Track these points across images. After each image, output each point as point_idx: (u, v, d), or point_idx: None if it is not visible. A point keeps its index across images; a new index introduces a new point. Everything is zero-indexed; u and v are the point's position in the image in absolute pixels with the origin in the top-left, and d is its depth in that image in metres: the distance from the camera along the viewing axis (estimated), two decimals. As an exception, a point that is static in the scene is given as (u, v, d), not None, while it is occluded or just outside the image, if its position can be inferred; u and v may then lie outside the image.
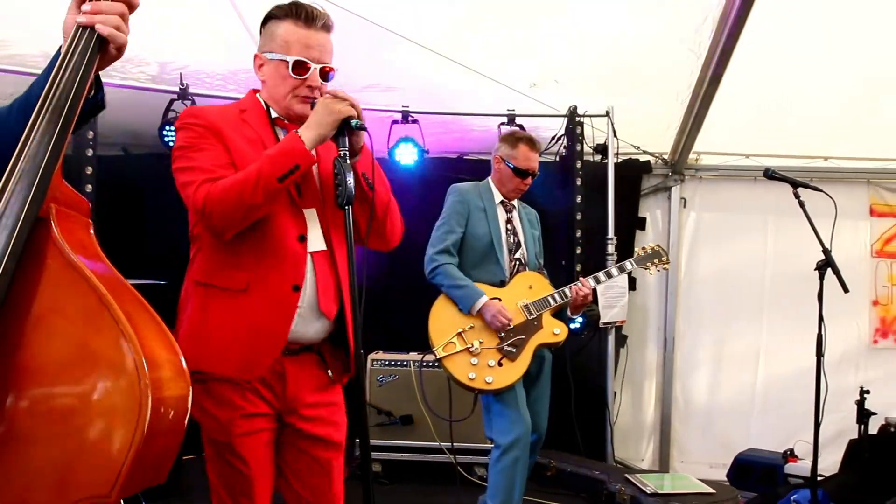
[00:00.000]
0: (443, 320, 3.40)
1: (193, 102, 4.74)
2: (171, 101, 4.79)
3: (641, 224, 5.75)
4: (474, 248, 3.53)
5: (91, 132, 4.82)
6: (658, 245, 3.87)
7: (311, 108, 2.03)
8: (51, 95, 1.33)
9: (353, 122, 1.98)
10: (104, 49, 1.41)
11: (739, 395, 5.63)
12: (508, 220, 3.64)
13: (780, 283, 5.52)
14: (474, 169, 4.57)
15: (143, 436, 1.22)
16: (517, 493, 3.32)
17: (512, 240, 3.61)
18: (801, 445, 4.64)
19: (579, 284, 3.53)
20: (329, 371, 2.14)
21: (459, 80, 4.78)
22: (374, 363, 4.90)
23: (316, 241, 2.09)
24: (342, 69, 4.96)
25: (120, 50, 1.44)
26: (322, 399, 2.14)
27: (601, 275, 3.65)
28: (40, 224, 1.29)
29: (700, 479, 4.41)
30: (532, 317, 3.45)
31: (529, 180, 3.64)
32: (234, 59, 4.54)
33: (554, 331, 3.50)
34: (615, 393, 5.51)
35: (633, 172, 5.69)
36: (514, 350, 3.36)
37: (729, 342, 5.66)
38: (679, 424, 5.68)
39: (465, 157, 5.77)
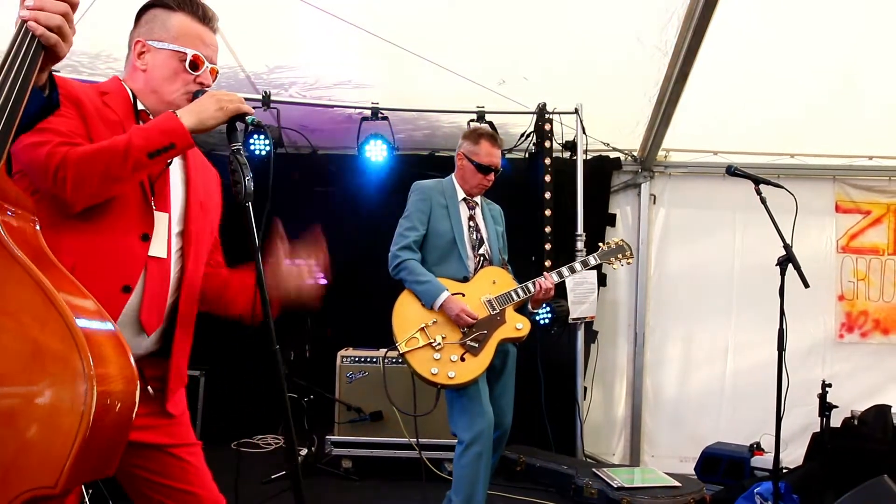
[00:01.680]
0: (406, 316, 3.39)
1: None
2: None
3: (612, 220, 5.80)
4: (437, 244, 3.53)
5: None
6: (622, 240, 3.88)
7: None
8: None
9: (249, 118, 1.89)
10: (44, 50, 1.39)
11: (708, 389, 5.69)
12: (471, 217, 3.64)
13: (748, 278, 5.58)
14: (445, 165, 4.56)
15: (87, 428, 1.23)
16: (481, 488, 3.33)
17: (475, 236, 3.61)
18: (768, 439, 4.66)
19: (542, 279, 3.54)
20: (150, 388, 1.94)
21: (429, 77, 4.79)
22: (344, 360, 4.90)
23: (159, 247, 1.92)
24: (316, 68, 4.97)
25: (63, 50, 1.41)
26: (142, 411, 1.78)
27: (564, 269, 3.65)
28: (-17, 224, 1.29)
29: (670, 473, 4.47)
30: (495, 312, 3.46)
31: (492, 176, 3.65)
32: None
33: (517, 326, 3.50)
34: (586, 388, 5.54)
35: (602, 169, 5.73)
36: (476, 345, 3.36)
37: (698, 337, 5.73)
38: (649, 419, 5.73)
39: (435, 154, 5.78)
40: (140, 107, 1.96)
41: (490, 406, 3.39)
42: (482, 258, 3.60)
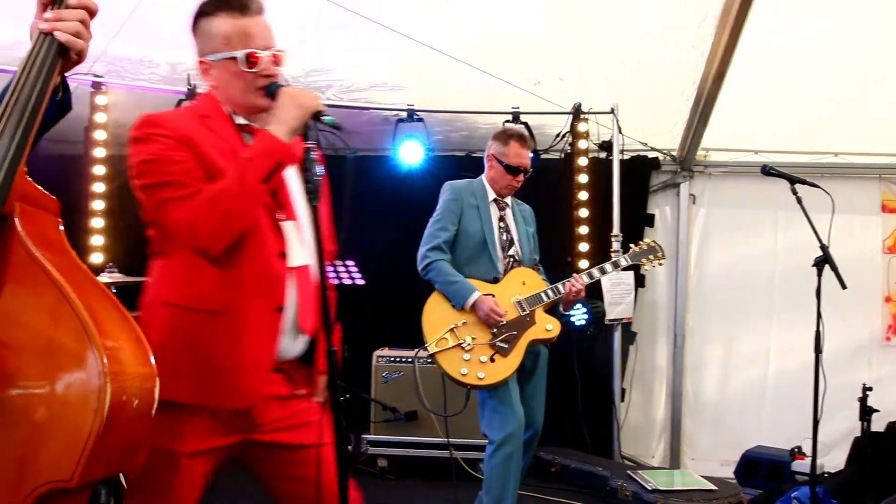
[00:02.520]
0: (436, 316, 3.42)
1: (203, 103, 4.82)
2: (180, 101, 4.87)
3: (650, 221, 5.74)
4: (467, 245, 3.55)
5: (103, 133, 4.95)
6: (654, 241, 3.86)
7: (271, 97, 1.88)
8: (13, 99, 1.38)
9: (326, 118, 1.85)
10: (65, 54, 1.44)
11: (750, 392, 5.60)
12: (501, 218, 3.65)
13: (790, 279, 5.46)
14: (482, 166, 4.58)
15: (102, 424, 1.26)
16: (511, 488, 3.34)
17: (505, 237, 3.61)
18: (810, 442, 4.61)
19: (572, 280, 3.53)
20: (296, 390, 2.00)
21: (464, 78, 4.82)
22: (379, 360, 4.95)
23: (296, 256, 1.95)
24: (352, 70, 5.03)
25: (80, 55, 1.46)
26: (287, 413, 1.98)
27: (595, 271, 3.64)
28: (4, 221, 1.34)
29: (710, 476, 4.42)
30: (525, 313, 3.47)
31: (522, 177, 3.66)
32: None
33: (546, 327, 3.50)
34: (624, 390, 5.51)
35: (640, 169, 5.68)
36: (506, 346, 3.37)
37: (739, 339, 5.64)
38: (689, 421, 5.65)
39: (472, 155, 5.79)
40: (238, 121, 1.97)
41: (521, 407, 3.40)
42: (512, 259, 3.61)
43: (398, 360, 4.92)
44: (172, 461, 1.84)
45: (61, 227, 1.49)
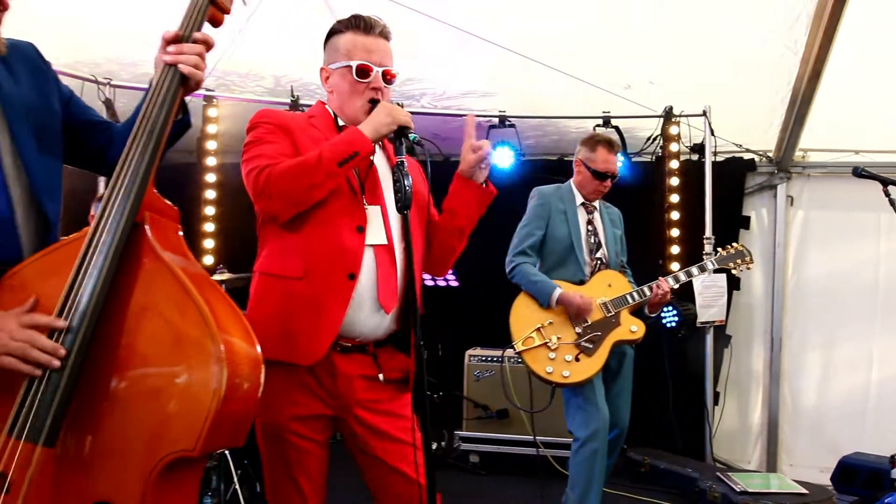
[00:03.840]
0: (523, 316, 3.54)
1: (304, 113, 5.10)
2: (284, 113, 5.17)
3: (745, 223, 5.69)
4: (555, 249, 3.66)
5: (214, 143, 5.30)
6: (742, 245, 3.86)
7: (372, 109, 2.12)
8: (142, 124, 1.61)
9: (412, 135, 2.07)
10: (185, 83, 1.68)
11: (851, 399, 5.46)
12: (589, 221, 3.75)
13: (894, 283, 5.32)
14: (572, 170, 4.66)
15: (220, 403, 1.48)
16: (596, 484, 3.42)
17: (593, 240, 3.71)
18: (914, 451, 4.50)
19: (657, 283, 3.59)
20: (381, 375, 2.16)
21: (555, 84, 4.91)
22: (472, 359, 5.12)
23: (376, 235, 2.13)
24: (446, 79, 5.22)
25: (198, 84, 1.71)
26: (376, 396, 2.15)
27: (681, 274, 3.69)
28: (137, 228, 1.57)
29: (808, 483, 4.35)
30: (610, 314, 3.55)
31: (609, 182, 3.73)
32: None
33: (631, 328, 3.57)
34: (718, 393, 5.48)
35: (735, 171, 5.65)
36: (591, 346, 3.47)
37: (840, 344, 5.51)
38: (787, 427, 5.58)
39: (564, 158, 5.88)
40: (341, 123, 2.23)
41: (605, 405, 3.48)
42: (599, 262, 3.70)
43: (489, 359, 5.06)
44: (283, 432, 2.09)
45: (180, 233, 1.72)
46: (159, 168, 1.64)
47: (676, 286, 3.67)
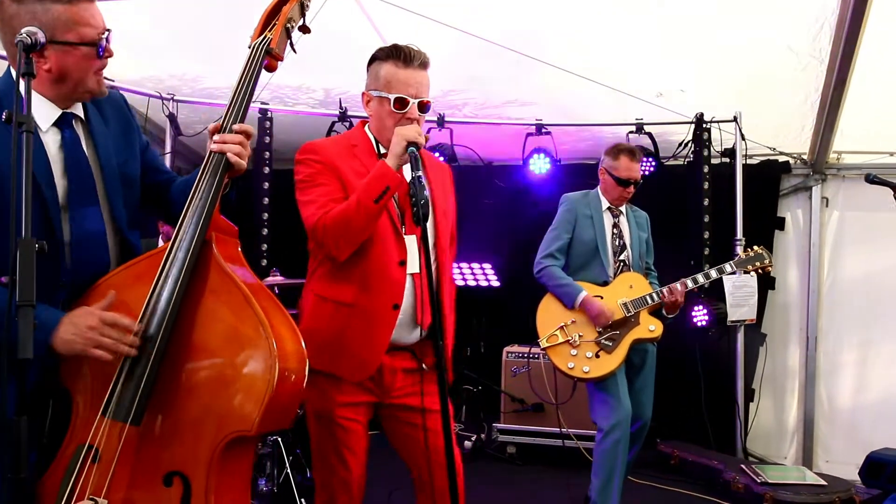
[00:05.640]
0: (548, 315, 3.81)
1: (351, 124, 5.41)
2: (333, 123, 5.49)
3: (781, 224, 5.82)
4: (581, 251, 3.88)
5: (267, 153, 5.65)
6: (762, 248, 3.99)
7: None
8: (194, 200, 1.91)
9: (410, 148, 2.20)
10: (230, 167, 1.96)
11: (888, 397, 5.52)
12: (615, 225, 3.95)
13: (932, 284, 5.40)
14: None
15: (273, 391, 1.78)
16: (618, 472, 3.64)
17: (618, 243, 3.92)
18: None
19: (675, 285, 3.78)
20: (423, 364, 2.47)
21: (589, 93, 5.13)
22: (509, 355, 5.38)
23: (413, 264, 2.38)
24: (486, 89, 5.47)
25: (241, 168, 1.98)
26: (410, 381, 2.46)
27: (699, 276, 3.86)
28: (206, 245, 1.90)
29: (832, 476, 4.52)
30: (630, 314, 3.77)
31: (631, 188, 3.93)
32: None
33: (650, 328, 3.78)
34: (753, 390, 5.63)
35: (770, 173, 5.78)
36: (610, 344, 3.70)
37: (876, 344, 5.58)
38: (824, 424, 5.68)
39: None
40: (382, 150, 2.42)
41: (627, 398, 3.70)
42: (622, 264, 3.91)
43: (526, 355, 5.32)
44: (332, 415, 2.39)
45: (238, 248, 2.04)
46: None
47: (694, 288, 3.84)
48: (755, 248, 3.99)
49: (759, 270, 3.95)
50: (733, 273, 3.94)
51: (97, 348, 1.75)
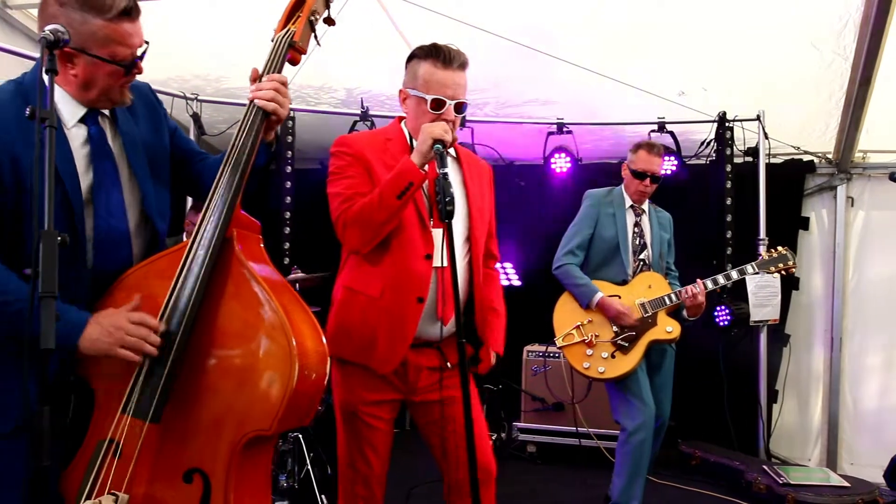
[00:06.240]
0: (564, 314, 3.81)
1: (373, 123, 5.44)
2: (355, 122, 5.52)
3: (805, 224, 5.76)
4: (601, 249, 3.86)
5: (289, 152, 5.69)
6: (786, 248, 3.93)
7: None
8: (231, 153, 1.94)
9: (436, 146, 2.21)
10: (267, 116, 1.98)
11: (915, 401, 5.48)
12: (636, 224, 3.93)
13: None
14: (627, 175, 4.84)
15: (293, 390, 1.78)
16: (643, 472, 3.63)
17: (638, 241, 3.89)
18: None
19: (694, 286, 3.74)
20: (448, 362, 2.48)
21: (611, 91, 5.12)
22: (529, 354, 5.37)
23: (440, 258, 2.39)
24: (507, 88, 5.46)
25: (280, 118, 1.99)
26: (435, 378, 2.49)
27: (720, 277, 3.82)
28: (227, 242, 1.91)
29: (855, 478, 4.47)
30: (647, 314, 3.74)
31: (648, 181, 3.89)
32: None
33: (667, 329, 3.74)
34: (778, 391, 5.58)
35: (794, 172, 5.73)
36: (626, 345, 3.68)
37: (902, 344, 5.51)
38: (848, 426, 5.62)
39: (623, 162, 6.04)
40: (414, 144, 2.41)
41: (651, 397, 3.68)
42: (642, 263, 3.88)
43: (546, 354, 5.31)
44: (357, 411, 2.43)
45: (262, 244, 2.05)
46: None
47: (716, 289, 3.80)
48: (779, 248, 3.94)
49: (783, 272, 3.89)
50: (755, 274, 3.89)
51: (123, 348, 1.77)
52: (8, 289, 1.74)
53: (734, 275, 3.85)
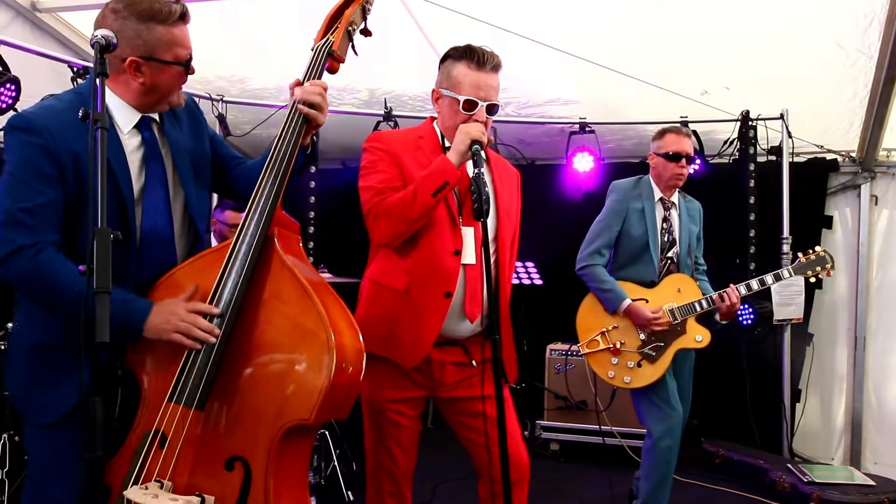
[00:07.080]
0: (589, 318, 3.65)
1: (396, 123, 5.49)
2: (378, 123, 5.56)
3: (828, 223, 5.74)
4: (629, 246, 3.66)
5: (328, 153, 5.73)
6: (824, 250, 3.70)
7: None
8: (274, 154, 2.02)
9: (474, 146, 2.26)
10: (308, 121, 2.06)
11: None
12: (665, 219, 3.70)
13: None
14: (651, 171, 4.83)
15: (330, 382, 1.84)
16: (670, 476, 3.54)
17: (666, 238, 3.69)
18: None
19: (728, 292, 3.55)
20: (473, 361, 2.50)
21: (633, 91, 5.12)
22: (552, 353, 5.40)
23: (470, 255, 2.42)
24: (529, 88, 5.49)
25: (317, 120, 2.08)
26: (461, 376, 2.51)
27: (754, 282, 3.62)
28: (268, 241, 1.97)
29: (880, 477, 4.44)
30: (677, 321, 3.55)
31: (684, 162, 3.63)
32: (429, 83, 5.22)
33: (696, 338, 3.57)
34: (801, 390, 5.56)
35: (817, 171, 5.72)
36: (654, 354, 3.53)
37: (927, 346, 5.47)
38: (872, 426, 5.60)
39: (646, 161, 6.04)
40: (447, 144, 2.45)
41: (679, 402, 3.54)
42: (670, 261, 3.70)
43: (569, 353, 5.33)
44: (382, 408, 2.46)
45: (300, 244, 2.11)
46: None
47: (748, 293, 3.62)
48: (817, 250, 3.70)
49: (817, 276, 3.68)
50: (791, 278, 3.70)
51: (177, 333, 1.86)
52: (71, 279, 1.81)
53: (769, 279, 3.65)
